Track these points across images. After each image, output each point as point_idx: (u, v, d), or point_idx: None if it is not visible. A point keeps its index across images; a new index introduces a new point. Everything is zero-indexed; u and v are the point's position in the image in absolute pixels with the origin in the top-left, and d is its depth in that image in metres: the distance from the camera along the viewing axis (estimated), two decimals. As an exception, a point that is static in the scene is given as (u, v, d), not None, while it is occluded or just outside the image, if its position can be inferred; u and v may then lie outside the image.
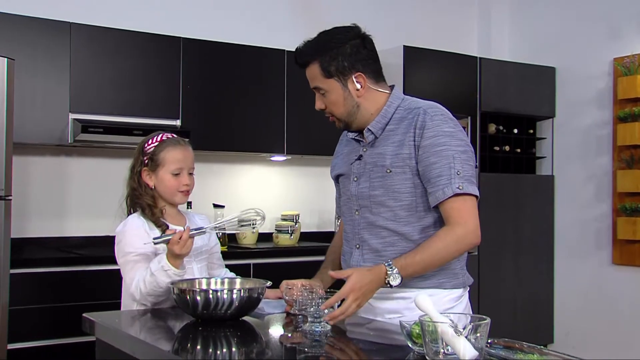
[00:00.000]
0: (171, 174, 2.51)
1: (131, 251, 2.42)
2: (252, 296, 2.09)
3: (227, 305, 2.03)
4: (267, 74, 4.64)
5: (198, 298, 2.03)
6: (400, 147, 2.12)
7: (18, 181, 4.04)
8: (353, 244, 2.26)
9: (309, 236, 5.07)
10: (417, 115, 2.13)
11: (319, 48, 2.24)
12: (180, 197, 2.56)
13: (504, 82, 5.32)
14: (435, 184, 2.06)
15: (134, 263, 2.41)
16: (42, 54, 3.92)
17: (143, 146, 2.57)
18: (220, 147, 4.56)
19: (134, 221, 2.47)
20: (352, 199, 2.24)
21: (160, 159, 2.52)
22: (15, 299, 3.44)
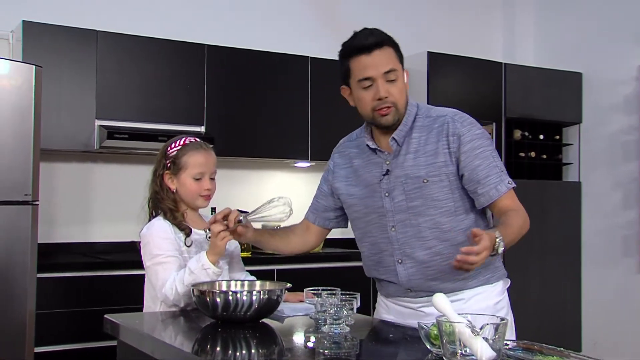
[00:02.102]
0: (193, 178, 2.52)
1: (160, 253, 2.43)
2: (271, 298, 2.09)
3: (246, 307, 2.03)
4: (291, 80, 4.66)
5: (218, 300, 2.04)
6: (435, 157, 2.16)
7: (45, 187, 4.09)
8: (393, 260, 2.24)
9: (332, 242, 5.05)
10: (446, 124, 2.17)
11: (387, 35, 2.24)
12: (201, 202, 2.57)
13: (529, 88, 5.28)
14: (485, 185, 2.14)
15: (165, 265, 2.42)
16: (69, 62, 3.98)
17: (166, 149, 2.59)
18: (244, 154, 4.59)
19: (160, 224, 2.48)
20: (387, 215, 2.22)
21: (183, 163, 2.53)
22: (42, 303, 3.48)
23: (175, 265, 2.39)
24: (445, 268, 2.14)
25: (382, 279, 2.34)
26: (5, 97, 3.34)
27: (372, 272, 2.39)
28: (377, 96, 2.16)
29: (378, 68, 2.15)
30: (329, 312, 1.97)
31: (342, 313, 1.95)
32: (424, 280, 2.20)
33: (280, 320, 2.21)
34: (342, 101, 4.97)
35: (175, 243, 2.45)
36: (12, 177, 3.36)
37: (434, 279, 2.19)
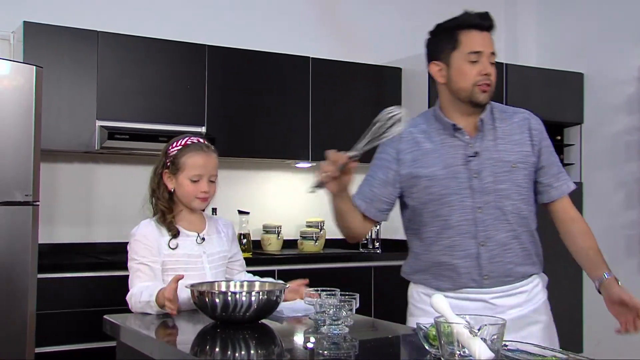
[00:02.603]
0: (190, 180, 2.51)
1: (136, 258, 2.45)
2: (270, 299, 2.09)
3: (245, 308, 2.03)
4: (292, 81, 4.66)
5: (217, 300, 2.04)
6: (521, 146, 2.31)
7: (46, 188, 4.10)
8: (475, 243, 2.29)
9: (334, 243, 5.06)
10: (527, 119, 2.37)
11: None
12: (197, 203, 2.55)
13: (530, 88, 5.27)
14: (560, 179, 2.41)
15: (135, 271, 2.44)
16: (69, 62, 3.98)
17: (167, 148, 2.59)
18: (245, 154, 4.59)
19: (145, 228, 2.49)
20: (475, 196, 2.27)
21: (181, 164, 2.52)
22: (43, 304, 3.48)
23: (146, 274, 2.41)
24: (520, 253, 2.36)
25: (446, 271, 2.31)
26: (6, 98, 3.34)
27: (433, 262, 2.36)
28: (483, 71, 2.25)
29: (488, 46, 2.28)
30: (328, 312, 1.97)
31: (341, 314, 1.95)
32: (502, 264, 2.30)
33: (280, 321, 2.21)
34: (344, 102, 5.00)
35: (154, 249, 2.45)
36: (13, 178, 3.36)
37: (510, 263, 2.33)
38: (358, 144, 2.29)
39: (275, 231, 4.68)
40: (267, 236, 4.68)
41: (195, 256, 2.52)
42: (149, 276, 2.41)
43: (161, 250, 2.46)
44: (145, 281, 2.39)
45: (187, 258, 2.50)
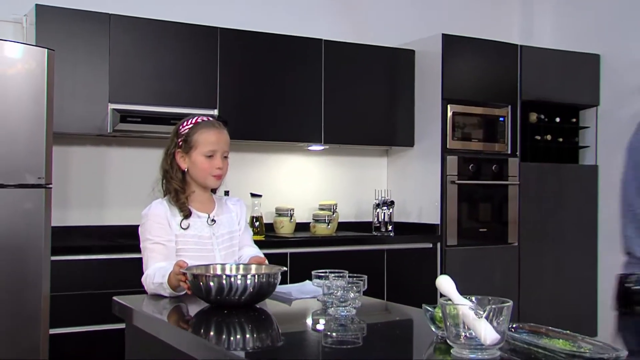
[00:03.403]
0: (204, 156, 2.50)
1: (150, 238, 2.44)
2: (265, 282, 2.05)
3: (240, 291, 1.99)
4: (304, 63, 4.64)
5: (211, 284, 2.00)
6: None
7: (60, 171, 4.12)
8: None
9: (346, 226, 5.06)
10: None
11: None
12: (212, 181, 2.54)
13: (545, 70, 5.22)
14: None
15: (150, 251, 2.44)
16: (82, 45, 3.98)
17: (178, 128, 2.58)
18: (257, 137, 4.58)
19: (157, 207, 2.49)
20: None
21: (194, 141, 2.51)
22: (57, 286, 3.50)
23: (161, 254, 2.40)
24: None
25: None
26: (18, 81, 3.35)
27: None
28: None
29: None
30: (335, 294, 1.97)
31: (348, 295, 1.95)
32: None
33: (288, 303, 2.20)
34: (356, 84, 4.99)
35: (167, 229, 2.45)
36: (26, 161, 3.37)
37: None
38: None
39: (287, 214, 4.68)
40: (280, 219, 4.68)
41: (205, 237, 2.52)
42: (164, 255, 2.41)
43: (173, 230, 2.46)
44: (160, 261, 2.38)
45: (197, 239, 2.50)
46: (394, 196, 4.99)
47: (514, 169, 5.05)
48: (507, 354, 1.53)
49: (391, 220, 4.86)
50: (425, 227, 4.86)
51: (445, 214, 4.76)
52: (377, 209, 4.88)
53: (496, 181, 4.99)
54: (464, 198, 4.84)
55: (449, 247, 4.75)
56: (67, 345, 3.62)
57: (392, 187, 5.18)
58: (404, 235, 4.78)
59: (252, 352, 1.66)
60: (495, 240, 4.97)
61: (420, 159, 4.98)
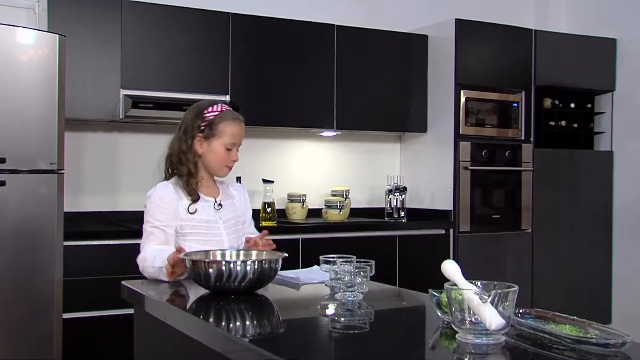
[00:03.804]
0: (224, 147, 2.52)
1: (150, 221, 2.45)
2: (265, 268, 2.03)
3: (240, 278, 1.97)
4: (316, 49, 4.62)
5: (210, 270, 1.98)
6: None
7: (73, 157, 4.14)
8: None
9: (359, 212, 5.05)
10: None
11: None
12: (225, 171, 2.59)
13: (560, 55, 5.17)
14: None
15: (149, 234, 2.44)
16: (94, 31, 3.98)
17: (202, 112, 2.56)
18: (269, 123, 4.57)
19: (163, 191, 2.48)
20: None
21: (219, 130, 2.52)
22: (70, 271, 3.53)
23: (159, 238, 2.41)
24: None
25: None
26: (31, 67, 3.36)
27: None
28: None
29: None
30: (343, 279, 1.97)
31: (355, 280, 1.95)
32: None
33: (296, 288, 2.20)
34: (369, 70, 4.96)
35: (170, 214, 2.45)
36: (39, 146, 3.39)
37: None
38: None
39: (300, 200, 4.68)
40: (292, 205, 4.68)
41: (212, 222, 2.53)
42: (162, 240, 2.42)
43: (179, 215, 2.46)
44: (157, 244, 2.38)
45: (205, 223, 2.51)
46: (407, 182, 4.97)
47: (527, 155, 5.01)
48: (512, 339, 1.52)
49: (404, 206, 4.84)
50: (437, 213, 4.84)
51: (458, 200, 4.74)
52: (390, 195, 4.87)
53: (510, 167, 4.95)
54: (477, 184, 4.82)
55: (462, 234, 4.74)
56: (80, 329, 3.65)
57: (404, 173, 5.16)
58: (416, 222, 4.76)
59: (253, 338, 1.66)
60: (508, 226, 4.94)
61: (433, 145, 4.95)
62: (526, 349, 1.48)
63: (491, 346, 1.45)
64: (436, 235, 4.70)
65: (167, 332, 1.87)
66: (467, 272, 4.68)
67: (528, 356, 1.47)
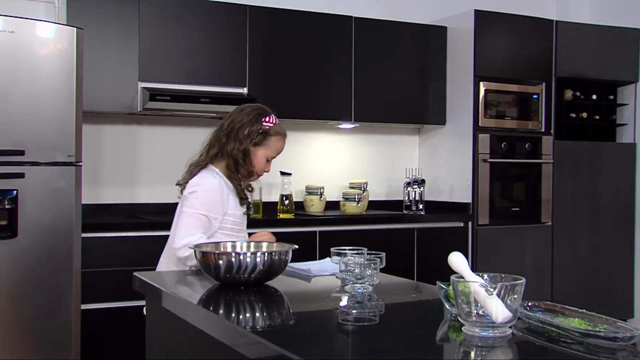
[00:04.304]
0: (266, 158, 2.64)
1: (198, 207, 2.46)
2: (275, 260, 2.03)
3: (250, 269, 1.97)
4: (334, 40, 4.61)
5: (220, 262, 1.98)
6: None
7: (92, 149, 4.17)
8: None
9: (377, 204, 5.04)
10: None
11: None
12: (254, 178, 2.70)
13: (582, 46, 5.10)
14: None
15: (195, 220, 2.46)
16: (112, 24, 4.00)
17: (261, 119, 2.62)
18: (287, 115, 4.52)
19: (217, 182, 2.52)
20: None
21: (270, 142, 2.63)
22: (88, 263, 3.56)
23: (203, 227, 2.43)
24: None
25: None
26: (49, 61, 3.39)
27: None
28: None
29: None
30: (352, 271, 1.96)
31: (365, 272, 1.94)
32: None
33: (307, 280, 2.20)
34: (387, 62, 4.94)
35: (219, 206, 2.49)
36: (57, 139, 3.42)
37: None
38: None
39: (317, 192, 4.67)
40: (310, 197, 4.67)
41: (240, 217, 2.63)
42: (205, 229, 2.45)
43: (225, 208, 2.51)
44: (201, 232, 2.42)
45: (240, 219, 2.62)
46: (426, 174, 4.95)
47: (547, 147, 4.96)
48: (521, 333, 1.51)
49: (422, 198, 4.82)
50: (456, 206, 4.81)
51: (477, 193, 4.71)
52: (408, 187, 4.85)
53: (529, 160, 4.91)
54: (496, 176, 4.78)
55: (481, 226, 4.70)
56: (98, 320, 3.68)
57: (423, 165, 5.13)
58: (434, 214, 4.74)
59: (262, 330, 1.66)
60: (528, 219, 4.90)
61: (451, 137, 4.92)
62: (533, 342, 1.47)
63: (498, 339, 1.44)
64: (455, 228, 4.67)
65: (178, 323, 1.88)
66: (486, 265, 4.68)
67: (535, 349, 1.45)
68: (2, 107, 3.30)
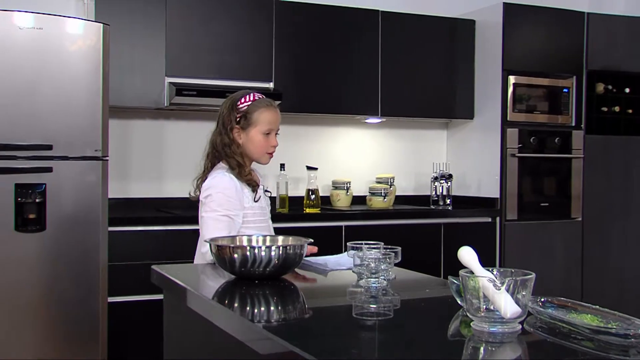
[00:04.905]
0: (262, 134, 2.59)
1: (216, 209, 2.48)
2: (290, 254, 2.02)
3: (265, 263, 1.97)
4: (360, 34, 4.59)
5: (235, 255, 1.98)
6: None
7: (120, 144, 4.23)
8: None
9: (404, 199, 5.02)
10: None
11: None
12: (266, 158, 2.65)
13: (615, 38, 5.00)
14: None
15: (216, 222, 2.47)
16: (140, 20, 4.04)
17: (235, 103, 2.62)
18: (313, 110, 4.57)
19: (227, 180, 2.53)
20: None
21: (254, 119, 2.58)
22: (116, 256, 3.60)
23: (227, 227, 2.44)
24: None
25: None
26: (78, 57, 3.43)
27: None
28: None
29: None
30: (368, 265, 1.95)
31: (379, 267, 1.93)
32: None
33: (324, 274, 2.20)
34: (414, 56, 4.90)
35: (236, 203, 2.49)
36: (84, 134, 3.46)
37: None
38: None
39: (344, 187, 4.67)
40: (337, 192, 4.67)
41: (265, 207, 2.65)
42: (229, 229, 2.46)
43: (243, 203, 2.52)
44: (226, 233, 2.42)
45: (261, 210, 2.62)
46: (453, 169, 4.91)
47: (578, 142, 4.89)
48: (532, 329, 1.49)
49: (449, 193, 4.78)
50: (484, 201, 4.77)
51: (505, 188, 4.66)
52: (435, 182, 4.82)
53: (559, 154, 4.84)
54: (525, 171, 4.72)
55: (509, 222, 4.65)
56: (125, 313, 3.73)
57: (451, 160, 5.09)
58: (462, 209, 4.70)
59: (276, 324, 1.66)
60: (557, 215, 4.83)
61: (480, 132, 4.87)
62: (543, 339, 1.45)
63: (507, 334, 1.42)
64: (482, 223, 4.63)
65: (193, 316, 1.89)
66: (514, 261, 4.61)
67: (544, 345, 1.44)
68: (31, 102, 3.36)
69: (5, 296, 3.32)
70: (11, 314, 3.33)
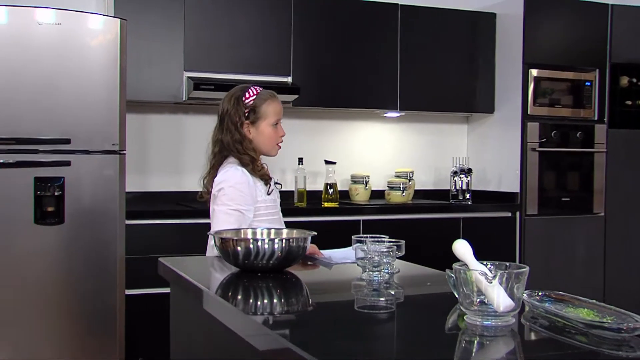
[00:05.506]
0: (271, 126, 2.62)
1: (228, 204, 2.49)
2: (293, 246, 2.02)
3: (268, 256, 1.97)
4: (380, 28, 4.57)
5: (238, 248, 1.99)
6: None
7: (139, 138, 4.27)
8: None
9: (423, 194, 5.00)
10: None
11: None
12: (275, 150, 2.68)
13: (639, 30, 4.92)
14: None
15: (227, 216, 2.48)
16: (158, 14, 4.07)
17: (240, 99, 2.63)
18: (332, 104, 4.57)
19: (240, 175, 2.54)
20: None
21: (262, 111, 2.61)
22: (133, 249, 3.64)
23: (237, 221, 2.45)
24: None
25: None
26: (94, 51, 3.47)
27: None
28: None
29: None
30: (371, 259, 1.95)
31: (382, 260, 1.93)
32: None
33: (329, 267, 2.20)
34: (434, 50, 4.86)
35: (248, 198, 2.50)
36: (102, 128, 3.50)
37: None
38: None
39: (363, 181, 4.66)
40: (355, 186, 4.66)
41: (276, 200, 2.67)
42: (239, 223, 2.47)
43: (255, 198, 2.53)
44: (234, 227, 2.43)
45: (274, 203, 2.64)
46: (473, 164, 4.88)
47: (600, 136, 4.82)
48: (528, 323, 1.48)
49: (469, 188, 4.75)
50: (504, 196, 4.73)
51: (525, 182, 4.61)
52: (455, 176, 4.79)
53: (581, 148, 4.78)
54: (545, 166, 4.67)
55: (529, 217, 4.61)
56: (142, 305, 3.76)
57: (471, 154, 5.06)
58: (482, 204, 4.67)
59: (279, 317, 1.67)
60: (579, 210, 4.78)
61: (500, 126, 4.83)
62: (536, 332, 1.43)
63: (500, 328, 1.41)
64: (502, 218, 4.59)
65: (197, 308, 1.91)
66: (534, 256, 4.58)
67: (537, 339, 1.42)
68: (51, 97, 3.40)
69: (24, 288, 3.38)
70: (29, 306, 3.38)
